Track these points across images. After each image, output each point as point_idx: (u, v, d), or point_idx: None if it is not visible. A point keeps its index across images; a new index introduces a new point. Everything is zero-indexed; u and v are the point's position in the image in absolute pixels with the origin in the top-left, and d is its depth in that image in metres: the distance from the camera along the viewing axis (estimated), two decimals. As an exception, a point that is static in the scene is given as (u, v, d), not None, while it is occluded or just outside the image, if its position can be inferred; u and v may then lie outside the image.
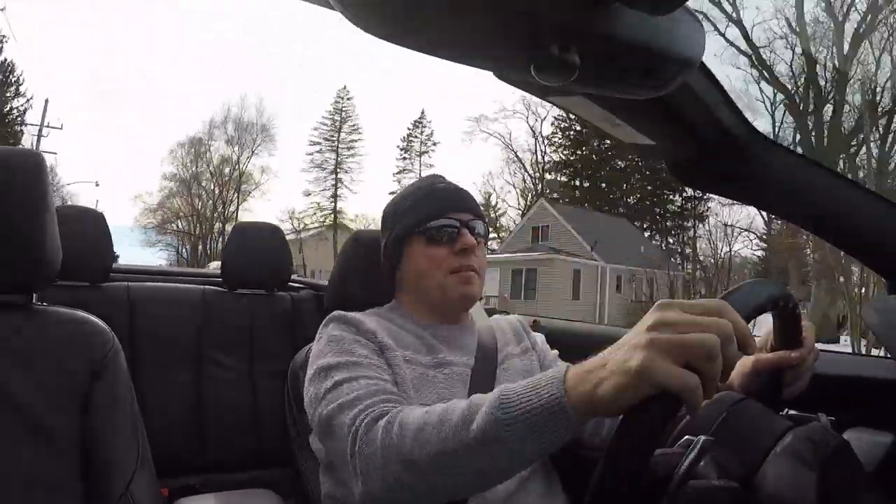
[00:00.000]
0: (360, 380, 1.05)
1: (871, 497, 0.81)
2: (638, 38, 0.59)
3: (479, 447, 0.79)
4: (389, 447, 0.88)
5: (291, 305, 2.64)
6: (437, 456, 0.83)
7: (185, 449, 2.33)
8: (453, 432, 0.81)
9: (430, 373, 1.18)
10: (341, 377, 1.06)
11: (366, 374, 1.07)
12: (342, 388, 1.04)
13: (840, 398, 1.19)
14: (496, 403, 0.78)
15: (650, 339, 0.67)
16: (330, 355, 1.13)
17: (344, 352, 1.13)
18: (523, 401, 0.76)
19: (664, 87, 0.67)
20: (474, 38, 0.60)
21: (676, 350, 0.65)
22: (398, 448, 0.87)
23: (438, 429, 0.83)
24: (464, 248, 1.24)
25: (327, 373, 1.10)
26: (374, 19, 0.57)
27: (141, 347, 2.32)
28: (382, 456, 0.89)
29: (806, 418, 0.90)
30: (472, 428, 0.79)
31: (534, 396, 0.75)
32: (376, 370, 1.09)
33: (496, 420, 0.77)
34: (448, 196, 1.29)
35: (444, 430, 0.82)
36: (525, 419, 0.75)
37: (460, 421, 0.81)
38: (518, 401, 0.76)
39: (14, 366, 1.04)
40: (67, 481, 1.04)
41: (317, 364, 1.14)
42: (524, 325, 1.45)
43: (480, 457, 0.80)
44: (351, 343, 1.15)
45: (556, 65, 0.55)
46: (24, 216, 1.06)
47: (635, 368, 0.66)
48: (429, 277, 1.25)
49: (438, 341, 1.25)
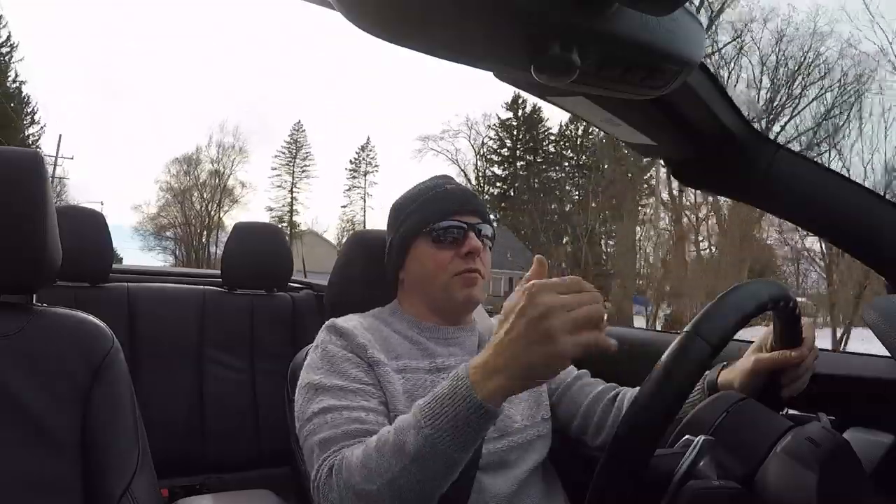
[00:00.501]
0: (343, 412, 1.08)
1: (871, 497, 0.81)
2: (638, 38, 0.59)
3: (420, 463, 0.88)
4: (344, 488, 0.96)
5: (291, 306, 2.64)
6: (387, 483, 0.91)
7: (185, 449, 2.33)
8: (393, 458, 0.90)
9: (427, 378, 1.18)
10: (328, 403, 1.10)
11: (350, 405, 1.09)
12: (326, 418, 1.08)
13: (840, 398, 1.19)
14: (420, 422, 0.88)
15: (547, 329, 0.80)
16: (321, 373, 1.15)
17: (335, 372, 1.15)
18: (444, 413, 0.86)
19: (664, 87, 0.67)
20: (475, 39, 0.60)
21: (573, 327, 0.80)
22: (352, 487, 0.95)
23: (379, 460, 0.92)
24: (470, 251, 1.23)
25: (316, 393, 1.13)
26: (374, 20, 0.56)
27: (141, 348, 2.32)
28: (342, 498, 0.97)
29: (806, 418, 0.90)
30: (407, 448, 0.89)
31: (450, 407, 0.86)
32: (363, 397, 1.11)
33: (426, 437, 0.87)
34: (455, 198, 1.28)
35: (383, 461, 0.91)
36: (452, 427, 0.86)
37: (395, 446, 0.91)
38: (439, 414, 0.87)
39: (14, 366, 1.04)
40: (68, 481, 1.04)
41: (308, 378, 1.16)
42: None
43: (425, 470, 0.89)
44: (342, 361, 1.16)
45: (557, 65, 0.55)
46: (25, 216, 1.06)
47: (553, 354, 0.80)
48: (433, 279, 1.25)
49: (437, 344, 1.25)
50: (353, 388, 1.11)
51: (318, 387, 1.13)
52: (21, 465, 1.01)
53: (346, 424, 1.06)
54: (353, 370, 1.14)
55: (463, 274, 1.23)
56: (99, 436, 1.08)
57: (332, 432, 1.05)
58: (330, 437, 1.05)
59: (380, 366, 1.16)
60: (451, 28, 0.58)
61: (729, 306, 0.77)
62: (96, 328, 1.14)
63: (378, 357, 1.16)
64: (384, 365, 1.16)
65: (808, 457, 0.74)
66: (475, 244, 1.23)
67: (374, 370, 1.15)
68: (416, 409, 0.90)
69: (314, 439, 1.07)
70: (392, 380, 1.15)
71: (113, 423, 1.10)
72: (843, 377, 1.30)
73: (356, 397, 1.10)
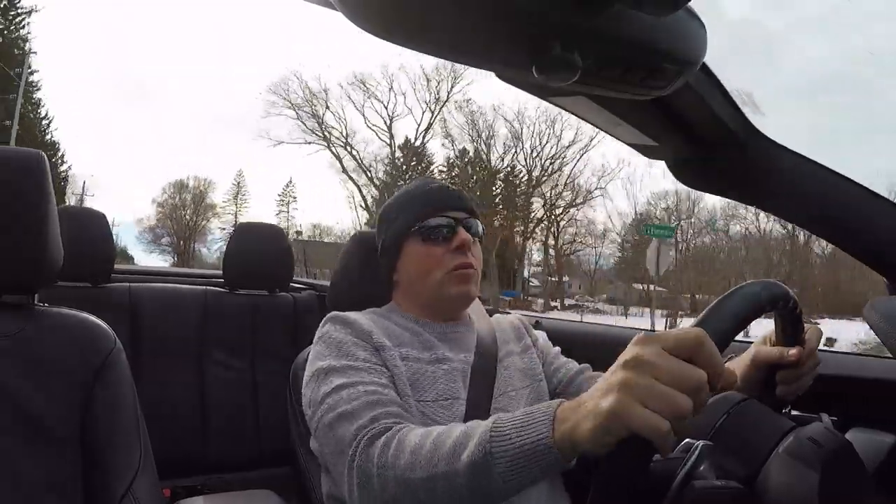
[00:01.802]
0: (357, 386, 1.06)
1: (873, 497, 0.81)
2: (640, 38, 0.59)
3: (468, 475, 0.82)
4: (385, 467, 0.91)
5: (293, 306, 2.64)
6: (428, 479, 0.86)
7: (187, 449, 2.33)
8: (445, 459, 0.85)
9: (429, 368, 1.19)
10: (340, 382, 1.08)
11: (363, 381, 1.08)
12: (341, 395, 1.05)
13: (842, 398, 1.19)
14: (487, 437, 0.81)
15: (624, 381, 0.67)
16: (329, 357, 1.14)
17: (342, 354, 1.14)
18: (514, 437, 0.78)
19: (666, 87, 0.67)
20: (476, 39, 0.60)
21: (649, 398, 0.65)
22: (393, 469, 0.90)
23: (432, 454, 0.86)
24: (460, 245, 1.23)
25: (326, 375, 1.11)
26: (375, 21, 0.57)
27: (143, 348, 2.32)
28: (379, 475, 0.92)
29: (808, 418, 0.90)
30: (462, 457, 0.83)
31: (524, 433, 0.78)
32: (374, 374, 1.10)
33: (486, 453, 0.80)
34: (442, 195, 1.29)
35: (437, 455, 0.86)
36: (513, 454, 0.78)
37: (451, 449, 0.85)
38: (509, 436, 0.79)
39: (16, 366, 1.04)
40: (69, 482, 1.04)
41: (316, 366, 1.15)
42: (525, 324, 1.45)
43: (469, 484, 0.82)
44: (349, 345, 1.15)
45: (558, 65, 0.55)
46: (27, 216, 1.06)
47: (607, 410, 0.67)
48: (426, 276, 1.25)
49: (437, 339, 1.25)
50: (364, 367, 1.11)
51: (328, 370, 1.12)
52: (22, 465, 1.01)
53: (364, 396, 1.04)
54: (361, 352, 1.14)
55: (457, 270, 1.24)
56: (100, 436, 1.08)
57: (352, 405, 1.03)
58: (351, 409, 1.02)
59: (385, 350, 1.16)
60: (452, 28, 0.58)
61: (729, 308, 0.77)
62: (98, 328, 1.14)
63: (383, 342, 1.17)
64: (390, 349, 1.16)
65: (811, 457, 0.74)
66: (465, 237, 1.24)
67: (381, 354, 1.16)
68: (495, 419, 0.83)
69: (331, 415, 1.04)
70: (397, 363, 1.15)
71: (114, 423, 1.10)
72: (845, 378, 1.30)
73: (368, 374, 1.10)
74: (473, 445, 0.82)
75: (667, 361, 0.66)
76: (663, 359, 0.67)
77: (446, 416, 1.15)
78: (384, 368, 1.14)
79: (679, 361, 0.66)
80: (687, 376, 0.65)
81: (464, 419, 1.15)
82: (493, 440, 0.80)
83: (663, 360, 0.66)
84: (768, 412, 0.86)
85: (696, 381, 0.65)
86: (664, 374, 0.66)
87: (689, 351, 0.67)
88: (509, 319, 1.45)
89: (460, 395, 1.19)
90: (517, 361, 1.31)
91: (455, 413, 1.16)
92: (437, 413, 1.15)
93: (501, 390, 1.24)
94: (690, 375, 0.65)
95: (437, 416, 1.15)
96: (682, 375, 0.65)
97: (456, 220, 1.26)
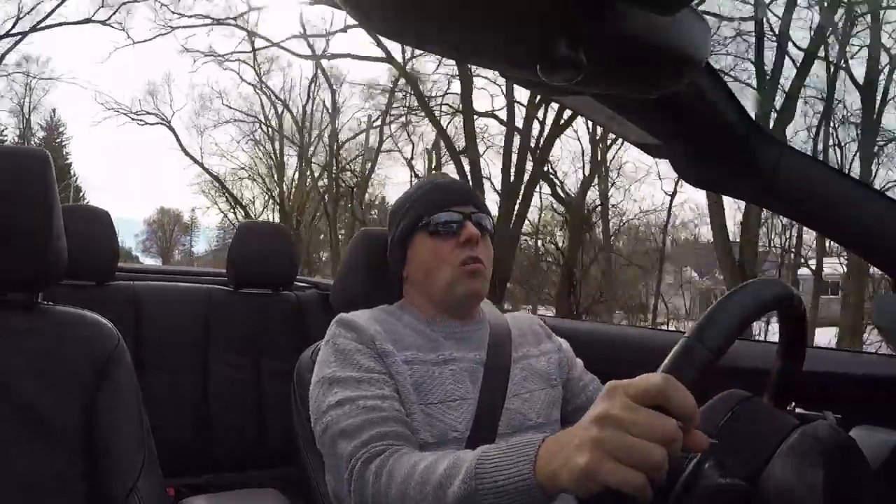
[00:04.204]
0: (358, 401, 1.09)
1: (877, 495, 0.81)
2: (644, 37, 0.59)
3: None
4: (379, 494, 0.97)
5: (297, 305, 2.65)
6: None
7: (191, 448, 2.33)
8: (433, 493, 0.88)
9: (435, 370, 1.19)
10: (344, 395, 1.11)
11: (365, 394, 1.11)
12: (344, 409, 1.09)
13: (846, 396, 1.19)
14: (472, 473, 0.83)
15: (594, 439, 0.67)
16: (334, 365, 1.17)
17: (347, 364, 1.16)
18: (496, 474, 0.81)
19: (670, 86, 0.67)
20: (480, 38, 0.60)
21: (621, 453, 0.65)
22: (385, 497, 0.95)
23: (421, 487, 0.90)
24: (468, 238, 1.23)
25: (330, 386, 1.14)
26: (380, 20, 0.57)
27: (146, 347, 2.32)
28: (374, 502, 0.98)
29: (812, 416, 0.90)
30: (448, 492, 0.85)
31: (507, 472, 0.79)
32: (376, 386, 1.12)
33: (471, 490, 0.82)
34: (450, 190, 1.29)
35: (425, 489, 0.89)
36: (497, 492, 0.80)
37: (439, 483, 0.87)
38: (492, 474, 0.81)
39: (20, 365, 1.04)
40: (73, 480, 1.05)
41: (322, 373, 1.17)
42: (545, 328, 1.44)
43: None
44: (353, 353, 1.17)
45: (563, 65, 0.55)
46: (30, 215, 1.07)
47: (581, 469, 0.67)
48: (435, 272, 1.25)
49: (446, 338, 1.25)
50: (366, 379, 1.13)
51: (332, 380, 1.14)
52: (25, 464, 1.01)
53: (363, 414, 1.07)
54: (365, 361, 1.16)
55: (465, 265, 1.24)
56: (104, 435, 1.08)
57: (352, 422, 1.07)
58: (350, 427, 1.07)
59: (389, 356, 1.17)
60: (456, 28, 0.58)
61: (730, 310, 0.77)
62: (102, 327, 1.14)
63: (387, 348, 1.18)
64: (393, 356, 1.17)
65: (815, 455, 0.74)
66: (473, 231, 1.24)
67: (384, 360, 1.16)
68: (480, 453, 0.85)
69: (334, 430, 1.09)
70: (401, 370, 1.16)
71: (118, 422, 1.10)
72: (850, 375, 1.30)
73: (370, 387, 1.12)
74: (459, 482, 0.84)
75: (633, 415, 0.66)
76: (630, 412, 0.66)
77: (454, 417, 1.15)
78: (387, 377, 1.15)
79: (647, 412, 0.65)
80: (657, 427, 0.65)
81: (474, 419, 1.16)
82: (478, 477, 0.82)
83: (630, 414, 0.66)
84: (772, 410, 0.87)
85: (665, 431, 0.64)
86: (632, 427, 0.65)
87: (656, 400, 0.66)
88: (528, 321, 1.44)
89: (469, 396, 1.19)
90: (534, 364, 1.31)
91: (463, 413, 1.16)
92: (445, 414, 1.15)
93: (515, 391, 1.23)
94: (660, 425, 0.65)
95: (444, 417, 1.15)
96: (652, 427, 0.65)
97: (464, 215, 1.26)
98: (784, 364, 0.99)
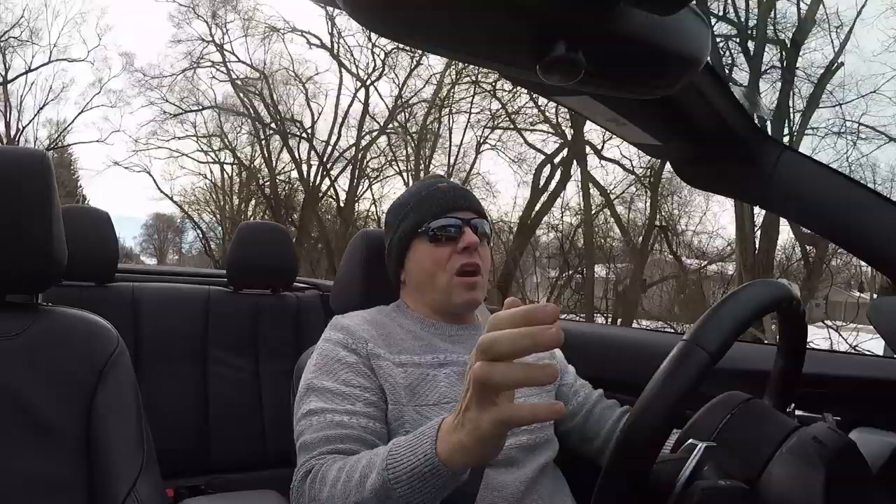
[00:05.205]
0: (326, 415, 1.10)
1: (877, 497, 0.81)
2: (643, 37, 0.58)
3: (375, 502, 0.88)
4: (316, 500, 0.99)
5: (297, 306, 2.64)
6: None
7: (191, 449, 2.33)
8: (355, 489, 0.91)
9: (430, 373, 1.18)
10: (314, 406, 1.12)
11: (337, 408, 1.11)
12: (311, 421, 1.10)
13: (846, 398, 1.19)
14: (384, 464, 0.86)
15: (470, 380, 0.71)
16: (315, 372, 1.17)
17: (327, 373, 1.16)
18: (405, 461, 0.84)
19: (670, 86, 0.67)
20: (480, 38, 0.60)
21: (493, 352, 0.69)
22: (319, 502, 0.98)
23: (346, 485, 0.93)
24: (467, 245, 1.23)
25: (307, 393, 1.15)
26: (379, 19, 0.57)
27: (146, 348, 2.32)
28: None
29: (812, 418, 0.90)
30: (367, 486, 0.89)
31: (412, 457, 0.83)
32: (350, 401, 1.12)
33: (385, 480, 0.86)
34: (449, 196, 1.28)
35: (348, 486, 0.92)
36: (408, 478, 0.83)
37: (359, 479, 0.91)
38: (401, 461, 0.84)
39: (20, 366, 1.04)
40: (72, 481, 1.04)
41: (305, 378, 1.18)
42: None
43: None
44: (336, 363, 1.17)
45: (562, 65, 0.55)
46: (31, 216, 1.07)
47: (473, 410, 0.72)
48: (433, 278, 1.25)
49: (443, 340, 1.25)
50: (340, 392, 1.13)
51: (310, 388, 1.15)
52: (25, 465, 1.01)
53: (326, 429, 1.08)
54: (345, 372, 1.15)
55: (463, 275, 1.23)
56: (103, 436, 1.08)
57: (312, 436, 1.08)
58: (309, 440, 1.08)
59: (379, 359, 1.17)
60: (455, 27, 0.58)
61: (729, 312, 0.77)
62: (101, 328, 1.14)
63: (378, 351, 1.18)
64: (384, 358, 1.17)
65: (814, 457, 0.74)
66: (472, 239, 1.24)
67: (373, 364, 1.16)
68: (391, 445, 0.89)
69: (299, 441, 1.10)
70: (393, 373, 1.16)
71: (117, 423, 1.10)
72: (849, 378, 1.30)
73: (342, 401, 1.12)
74: (375, 474, 0.88)
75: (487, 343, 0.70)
76: (483, 346, 0.70)
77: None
78: (365, 390, 1.14)
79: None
80: (506, 327, 0.69)
81: None
82: (389, 467, 0.85)
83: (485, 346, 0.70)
84: (772, 412, 0.86)
85: (513, 320, 0.69)
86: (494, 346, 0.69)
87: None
88: None
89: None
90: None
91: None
92: (438, 416, 1.15)
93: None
94: (507, 318, 0.70)
95: (437, 419, 1.15)
96: (504, 332, 0.69)
97: (463, 221, 1.26)
98: (784, 366, 0.99)
